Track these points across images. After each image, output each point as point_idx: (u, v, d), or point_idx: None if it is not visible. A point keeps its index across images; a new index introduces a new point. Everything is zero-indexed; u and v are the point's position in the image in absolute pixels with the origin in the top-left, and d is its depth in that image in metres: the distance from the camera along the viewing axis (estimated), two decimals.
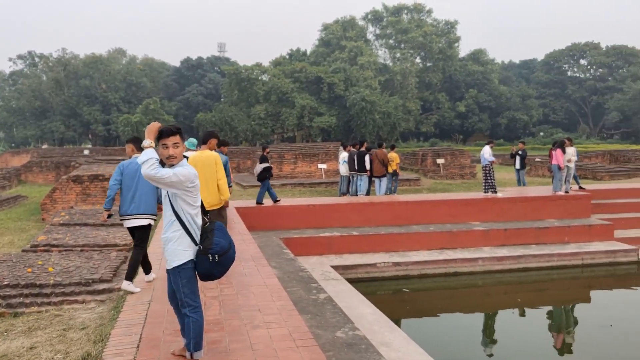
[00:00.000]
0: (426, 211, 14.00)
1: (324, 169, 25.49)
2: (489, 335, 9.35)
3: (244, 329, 5.05)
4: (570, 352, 8.62)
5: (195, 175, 4.11)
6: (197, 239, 4.13)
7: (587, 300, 11.43)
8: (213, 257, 4.06)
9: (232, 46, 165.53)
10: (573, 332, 9.52)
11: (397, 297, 11.15)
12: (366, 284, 11.39)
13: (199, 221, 4.19)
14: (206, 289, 6.31)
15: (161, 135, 4.06)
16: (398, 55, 71.53)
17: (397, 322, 9.37)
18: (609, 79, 78.64)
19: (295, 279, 8.60)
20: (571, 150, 15.39)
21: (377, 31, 77.39)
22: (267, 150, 14.68)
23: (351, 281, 10.93)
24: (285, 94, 59.90)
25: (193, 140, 9.42)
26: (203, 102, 71.98)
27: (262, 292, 6.24)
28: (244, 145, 56.22)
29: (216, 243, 4.08)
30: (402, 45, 72.25)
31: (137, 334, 5.07)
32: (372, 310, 8.75)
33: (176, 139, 4.08)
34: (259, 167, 13.53)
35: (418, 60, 74.28)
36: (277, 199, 14.04)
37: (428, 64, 73.71)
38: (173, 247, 4.11)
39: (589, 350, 8.51)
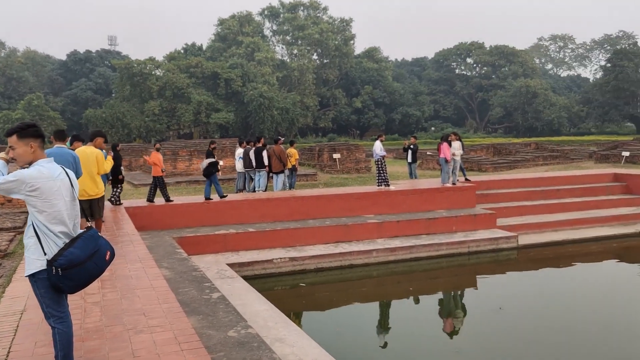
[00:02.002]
0: (322, 205, 14.13)
1: (220, 165, 25.00)
2: (383, 324, 9.58)
3: (126, 335, 4.77)
4: (460, 334, 9.03)
5: (37, 178, 3.65)
6: (48, 248, 3.71)
7: (474, 285, 12.03)
8: (56, 270, 3.65)
9: (123, 39, 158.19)
10: (463, 317, 9.99)
11: (294, 292, 11.15)
12: (263, 280, 11.31)
13: (58, 228, 3.75)
14: (87, 295, 5.92)
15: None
16: (295, 51, 71.95)
17: (294, 317, 9.37)
18: (493, 76, 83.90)
19: (187, 279, 8.35)
20: (457, 144, 16.09)
21: (274, 27, 77.45)
22: (214, 145, 14.67)
23: (247, 278, 10.81)
24: (181, 90, 58.35)
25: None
26: (92, 98, 68.41)
27: (148, 295, 5.96)
28: (138, 142, 54.05)
29: (65, 255, 3.66)
30: (299, 42, 72.75)
31: (5, 348, 4.64)
32: (267, 306, 8.68)
33: (11, 140, 3.74)
34: (205, 162, 13.71)
35: (315, 56, 75.13)
36: (224, 195, 13.92)
37: (325, 61, 74.75)
38: (27, 254, 3.76)
39: (479, 333, 8.96)
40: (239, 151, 17.21)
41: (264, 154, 16.24)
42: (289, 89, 67.63)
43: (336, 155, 27.49)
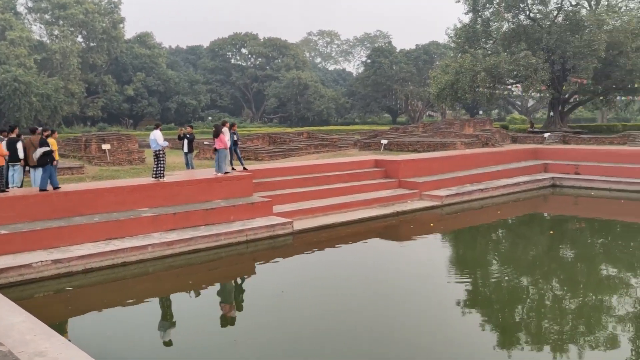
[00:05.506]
0: (90, 200, 12.99)
1: None
2: (162, 322, 9.16)
3: None
4: (237, 324, 9.06)
5: None
6: None
7: (254, 272, 12.23)
8: None
9: None
10: (242, 306, 10.07)
11: (59, 298, 10.09)
12: (20, 288, 10.05)
13: None
14: None
15: None
16: (56, 32, 65.36)
17: (59, 326, 8.45)
18: (267, 68, 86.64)
19: None
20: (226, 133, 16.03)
21: (30, 4, 69.34)
22: (47, 132, 13.90)
23: (1, 288, 9.49)
24: None
25: None
26: None
27: None
28: None
29: None
30: (61, 22, 66.23)
31: None
32: (24, 317, 7.68)
33: None
34: (39, 151, 12.88)
35: (80, 39, 69.22)
36: (58, 186, 13.18)
37: (92, 44, 69.36)
38: None
39: (255, 320, 9.07)
40: None
41: (19, 145, 14.41)
42: (50, 74, 61.29)
43: (105, 146, 25.70)
